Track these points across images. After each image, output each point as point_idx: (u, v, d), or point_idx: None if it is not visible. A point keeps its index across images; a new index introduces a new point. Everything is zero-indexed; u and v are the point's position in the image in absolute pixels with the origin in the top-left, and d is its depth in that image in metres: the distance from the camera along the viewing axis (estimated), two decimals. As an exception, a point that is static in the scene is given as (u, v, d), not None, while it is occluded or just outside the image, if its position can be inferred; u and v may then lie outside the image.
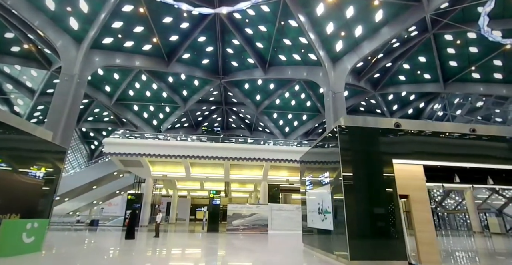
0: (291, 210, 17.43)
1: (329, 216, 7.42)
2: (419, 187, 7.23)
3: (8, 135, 7.91)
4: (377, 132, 7.37)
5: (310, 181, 9.38)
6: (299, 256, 8.18)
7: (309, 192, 9.40)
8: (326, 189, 7.72)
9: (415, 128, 7.66)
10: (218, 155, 19.49)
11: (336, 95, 19.89)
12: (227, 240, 12.63)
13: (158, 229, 12.36)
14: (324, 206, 7.84)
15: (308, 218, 9.33)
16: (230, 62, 26.32)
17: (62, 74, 19.29)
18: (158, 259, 7.02)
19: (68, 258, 6.94)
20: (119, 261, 6.67)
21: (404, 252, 6.33)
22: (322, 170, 8.21)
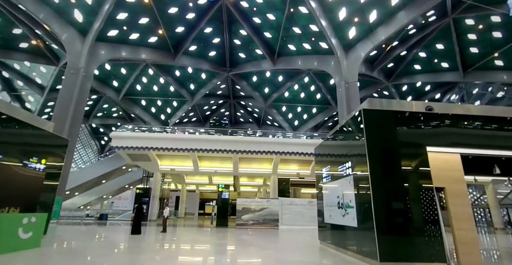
0: (303, 204, 16.61)
1: (352, 211, 6.56)
2: (457, 179, 6.27)
3: (3, 125, 7.32)
4: (409, 116, 6.41)
5: (327, 173, 8.51)
6: (319, 255, 7.36)
7: (326, 186, 8.53)
8: (348, 182, 6.84)
9: (450, 111, 6.66)
10: (226, 148, 18.75)
11: (349, 84, 18.79)
12: (236, 236, 11.93)
13: (165, 224, 11.76)
14: (345, 200, 6.97)
15: (325, 213, 8.48)
16: (238, 53, 25.39)
17: (68, 67, 18.82)
18: (162, 258, 6.32)
19: (65, 255, 6.32)
20: (119, 259, 5.99)
21: (443, 252, 5.42)
22: (342, 161, 7.32)
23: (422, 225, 5.57)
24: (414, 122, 6.44)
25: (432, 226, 5.56)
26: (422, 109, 6.64)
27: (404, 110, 6.52)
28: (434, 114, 6.57)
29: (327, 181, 8.54)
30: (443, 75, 24.90)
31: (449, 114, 6.57)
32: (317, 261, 6.65)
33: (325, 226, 8.46)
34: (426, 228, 5.56)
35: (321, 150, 9.53)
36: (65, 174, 17.47)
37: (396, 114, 6.42)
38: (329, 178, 8.38)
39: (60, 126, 17.20)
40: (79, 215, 19.57)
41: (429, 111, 6.69)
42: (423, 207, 5.66)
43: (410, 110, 6.52)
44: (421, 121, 6.48)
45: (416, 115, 6.50)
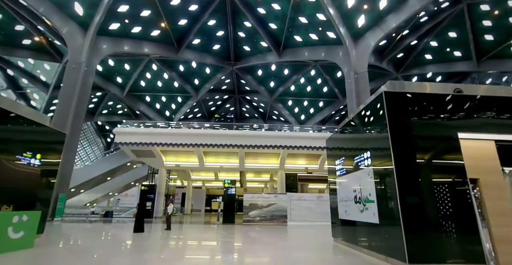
0: (312, 200, 15.92)
1: (372, 206, 5.85)
2: (492, 169, 5.49)
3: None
4: (436, 100, 5.65)
5: (341, 166, 7.79)
6: (334, 253, 6.70)
7: (341, 179, 7.82)
8: (367, 174, 6.13)
9: (484, 93, 5.86)
10: (232, 143, 18.13)
11: (358, 75, 17.92)
12: (244, 233, 11.33)
13: (169, 221, 11.22)
14: (364, 194, 6.26)
15: (340, 208, 7.79)
16: (242, 46, 24.64)
17: (69, 62, 18.37)
18: (163, 259, 5.73)
19: (55, 258, 5.76)
20: (116, 262, 5.41)
21: (481, 253, 4.69)
22: (359, 151, 6.60)
23: (456, 221, 4.84)
24: (442, 105, 5.66)
25: (467, 222, 4.83)
26: (450, 92, 5.86)
27: (430, 92, 5.75)
28: (464, 97, 5.79)
29: (341, 174, 7.83)
30: (455, 65, 23.78)
31: (482, 96, 5.78)
32: (334, 261, 5.97)
33: (340, 223, 7.78)
34: (461, 224, 4.83)
35: (333, 141, 8.81)
36: (69, 171, 17.13)
37: (422, 97, 5.66)
38: (343, 171, 7.67)
39: (62, 122, 16.79)
40: (84, 213, 19.27)
41: (458, 93, 5.91)
42: (456, 201, 4.93)
43: (438, 93, 5.74)
44: (451, 104, 5.70)
45: (445, 98, 5.72)
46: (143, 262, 5.31)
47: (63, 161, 16.46)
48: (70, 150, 17.05)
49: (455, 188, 5.02)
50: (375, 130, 5.97)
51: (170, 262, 5.33)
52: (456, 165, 5.16)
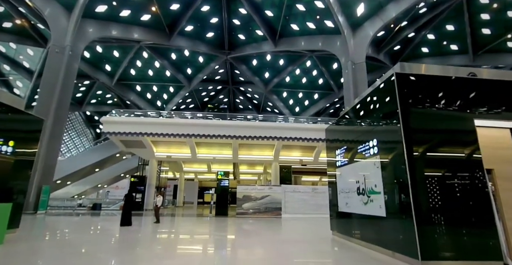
0: (307, 191, 15.57)
1: (378, 198, 5.39)
2: (507, 159, 5.08)
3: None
4: (451, 83, 5.15)
5: (343, 155, 7.30)
6: (335, 249, 6.26)
7: (341, 170, 7.35)
8: (373, 163, 5.64)
9: (499, 77, 5.40)
10: (225, 134, 17.49)
11: (356, 65, 17.41)
12: (238, 226, 10.86)
13: (158, 213, 10.63)
14: (369, 185, 5.79)
15: (340, 200, 7.34)
16: (237, 35, 23.74)
17: (52, 45, 17.24)
18: (147, 256, 5.17)
19: (24, 257, 5.12)
20: (93, 261, 4.82)
21: (498, 248, 4.29)
22: (364, 139, 6.10)
23: (472, 214, 4.41)
24: (457, 90, 5.17)
25: (485, 216, 4.41)
26: (464, 75, 5.38)
27: (445, 75, 5.24)
28: (480, 81, 5.31)
29: (342, 164, 7.35)
30: (451, 58, 23.51)
31: (499, 80, 5.31)
32: (335, 256, 5.52)
33: (340, 216, 7.35)
34: (478, 218, 4.40)
35: (334, 130, 8.31)
36: (53, 162, 16.26)
37: (437, 80, 5.16)
38: (345, 161, 7.18)
39: (45, 109, 15.83)
40: (71, 205, 18.46)
41: (473, 76, 5.44)
42: (472, 193, 4.49)
43: (452, 75, 5.24)
44: (466, 88, 5.21)
45: (460, 81, 5.23)
46: (122, 262, 4.74)
47: (47, 151, 15.59)
48: (54, 140, 16.14)
49: (472, 179, 4.57)
50: (384, 116, 5.45)
51: (153, 261, 4.77)
52: (472, 154, 4.71)
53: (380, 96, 5.64)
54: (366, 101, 6.23)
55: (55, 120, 16.14)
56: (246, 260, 5.10)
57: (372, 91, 5.95)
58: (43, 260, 4.77)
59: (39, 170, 15.21)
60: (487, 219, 4.40)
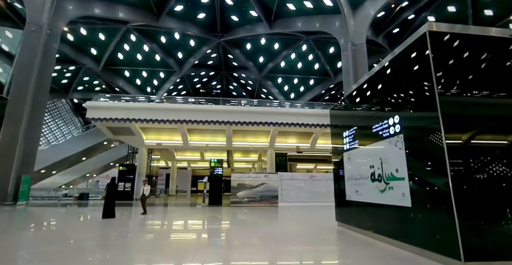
0: (304, 179, 14.75)
1: (400, 184, 4.46)
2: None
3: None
4: (494, 45, 4.13)
5: (352, 137, 6.33)
6: (345, 243, 5.39)
7: (351, 153, 6.39)
8: (393, 144, 4.68)
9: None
10: (219, 120, 16.37)
11: (356, 47, 16.27)
12: (233, 217, 9.97)
13: (145, 204, 9.61)
14: (387, 170, 4.85)
15: (348, 188, 6.43)
16: (230, 16, 22.12)
17: (27, 23, 15.50)
18: (122, 258, 4.17)
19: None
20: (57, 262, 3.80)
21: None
22: (381, 116, 5.10)
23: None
24: (499, 52, 4.16)
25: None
26: (506, 35, 4.35)
27: (487, 34, 4.21)
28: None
29: (351, 147, 6.39)
30: (451, 42, 22.53)
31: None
32: (348, 253, 4.63)
33: (348, 205, 6.46)
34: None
35: (341, 110, 7.30)
36: (33, 150, 14.94)
37: (479, 41, 4.12)
38: (355, 143, 6.22)
39: (21, 93, 14.35)
40: (56, 196, 17.29)
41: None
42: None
43: (495, 35, 4.21)
44: (509, 51, 4.20)
45: (502, 43, 4.20)
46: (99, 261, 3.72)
47: (26, 139, 14.23)
48: (33, 126, 14.74)
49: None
50: (411, 87, 4.42)
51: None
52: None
53: (405, 63, 4.59)
54: (383, 72, 5.19)
55: (33, 105, 14.69)
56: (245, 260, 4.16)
57: (393, 59, 4.89)
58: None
59: (18, 158, 13.90)
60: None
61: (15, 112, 14.21)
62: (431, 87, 3.83)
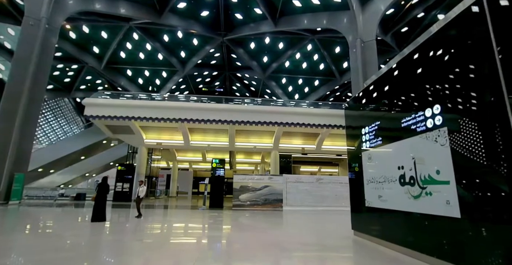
0: (311, 182, 13.81)
1: (443, 189, 3.55)
2: None
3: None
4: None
5: (374, 133, 5.42)
6: (370, 259, 4.46)
7: (372, 152, 5.48)
8: (432, 139, 3.77)
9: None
10: (221, 119, 15.52)
11: (365, 44, 15.41)
12: (235, 222, 9.06)
13: (139, 206, 8.72)
14: (423, 171, 3.94)
15: (368, 193, 5.52)
16: (234, 13, 21.40)
17: (25, 17, 14.85)
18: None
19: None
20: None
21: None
22: (417, 106, 4.20)
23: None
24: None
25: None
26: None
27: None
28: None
29: (372, 145, 5.49)
30: (462, 43, 21.59)
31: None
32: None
33: (367, 212, 5.53)
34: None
35: (360, 102, 6.38)
36: (27, 147, 14.18)
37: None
38: (376, 140, 5.31)
39: (17, 88, 13.65)
40: (51, 195, 16.49)
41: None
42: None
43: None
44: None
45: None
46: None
47: (20, 136, 13.48)
48: (28, 123, 14.00)
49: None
50: (460, 68, 3.53)
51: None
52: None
53: (451, 40, 3.70)
54: (421, 52, 4.29)
55: (29, 101, 13.97)
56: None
57: (436, 34, 3.99)
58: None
59: (11, 156, 13.13)
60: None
61: (9, 108, 13.52)
62: (492, 66, 2.94)
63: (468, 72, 3.39)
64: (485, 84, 3.07)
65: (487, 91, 3.02)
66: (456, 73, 3.56)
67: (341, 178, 14.34)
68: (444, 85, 3.75)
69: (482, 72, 3.13)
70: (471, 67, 3.31)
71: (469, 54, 3.36)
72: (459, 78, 3.52)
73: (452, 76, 3.62)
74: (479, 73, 3.19)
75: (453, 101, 3.56)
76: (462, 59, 3.48)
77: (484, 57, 3.09)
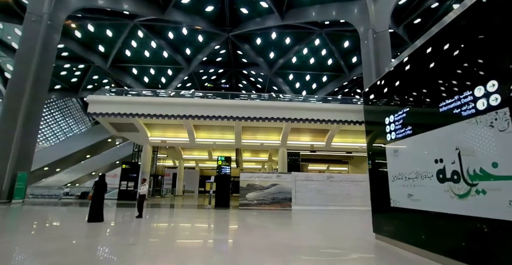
0: (321, 180, 13.02)
1: (505, 187, 2.77)
2: None
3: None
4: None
5: (402, 121, 4.64)
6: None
7: (400, 143, 4.70)
8: (489, 124, 2.99)
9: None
10: (227, 115, 14.87)
11: (377, 35, 14.51)
12: (243, 223, 8.39)
13: (141, 206, 8.13)
14: (471, 164, 3.17)
15: (395, 191, 4.75)
16: (239, 8, 20.69)
17: (27, 13, 14.51)
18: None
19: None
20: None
21: None
22: (461, 85, 3.42)
23: None
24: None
25: None
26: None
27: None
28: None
29: (398, 137, 4.71)
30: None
31: None
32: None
33: (394, 213, 4.76)
34: None
35: (384, 86, 5.59)
36: (30, 146, 13.83)
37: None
38: (405, 130, 4.53)
39: (20, 86, 13.30)
40: (56, 194, 16.16)
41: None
42: None
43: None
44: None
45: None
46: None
47: (23, 134, 13.12)
48: (31, 121, 13.64)
49: None
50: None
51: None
52: None
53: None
54: (471, 18, 3.50)
55: (32, 99, 13.60)
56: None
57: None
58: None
59: (14, 154, 12.78)
60: None
61: (12, 106, 13.19)
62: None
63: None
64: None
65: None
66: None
67: (353, 176, 13.51)
68: (501, 55, 2.96)
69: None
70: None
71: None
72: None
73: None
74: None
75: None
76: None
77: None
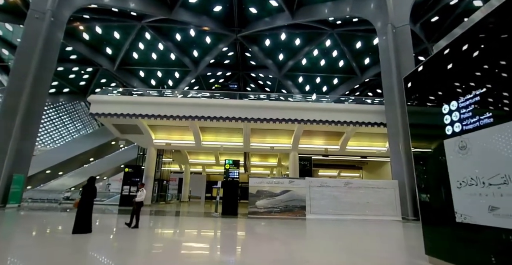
0: (338, 186, 11.68)
1: None
2: None
3: None
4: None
5: (474, 107, 3.43)
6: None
7: (472, 138, 3.48)
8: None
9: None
10: (235, 116, 13.79)
11: (397, 29, 13.34)
12: (253, 237, 7.16)
13: (138, 214, 6.99)
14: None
15: (462, 201, 3.50)
16: (248, 8, 19.87)
17: (30, 10, 13.96)
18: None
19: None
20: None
21: None
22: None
23: None
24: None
25: None
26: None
27: None
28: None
29: (471, 128, 3.49)
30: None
31: None
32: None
33: (462, 231, 3.50)
34: None
35: (440, 64, 4.40)
36: (29, 147, 12.97)
37: None
38: (480, 119, 3.32)
39: (19, 84, 12.57)
40: (56, 198, 15.26)
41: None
42: None
43: None
44: None
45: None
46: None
47: (20, 135, 12.30)
48: (29, 121, 12.84)
49: None
50: None
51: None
52: None
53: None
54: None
55: (31, 98, 12.84)
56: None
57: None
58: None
59: (10, 156, 11.93)
60: None
61: (10, 105, 12.44)
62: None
63: None
64: None
65: None
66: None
67: (374, 182, 12.14)
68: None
69: None
70: None
71: None
72: None
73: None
74: None
75: None
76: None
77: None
